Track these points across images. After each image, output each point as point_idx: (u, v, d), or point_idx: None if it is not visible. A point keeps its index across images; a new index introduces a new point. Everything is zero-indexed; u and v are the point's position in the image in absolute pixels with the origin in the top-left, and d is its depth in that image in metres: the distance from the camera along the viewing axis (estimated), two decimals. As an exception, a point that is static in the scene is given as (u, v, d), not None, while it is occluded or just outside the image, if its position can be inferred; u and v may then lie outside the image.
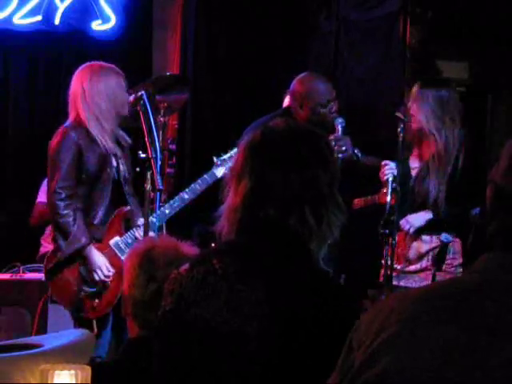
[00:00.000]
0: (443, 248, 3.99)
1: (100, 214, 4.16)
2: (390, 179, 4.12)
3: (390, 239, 3.96)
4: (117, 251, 4.17)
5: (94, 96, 4.11)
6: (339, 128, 4.34)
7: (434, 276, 4.03)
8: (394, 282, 4.16)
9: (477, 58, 6.13)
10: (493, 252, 1.25)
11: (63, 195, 4.06)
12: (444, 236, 4.06)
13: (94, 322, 4.11)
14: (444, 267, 4.06)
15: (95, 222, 4.16)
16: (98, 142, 4.10)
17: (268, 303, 1.74)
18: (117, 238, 4.19)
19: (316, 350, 1.72)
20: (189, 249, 2.46)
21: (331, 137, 4.23)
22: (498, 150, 1.28)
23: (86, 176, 4.11)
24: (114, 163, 4.21)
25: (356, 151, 4.33)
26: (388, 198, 4.03)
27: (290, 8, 6.20)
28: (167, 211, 4.26)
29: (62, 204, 4.06)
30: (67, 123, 4.15)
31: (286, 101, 4.86)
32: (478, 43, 5.93)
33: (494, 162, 1.27)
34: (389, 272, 3.98)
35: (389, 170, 4.17)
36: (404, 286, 4.14)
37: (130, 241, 4.18)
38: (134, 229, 4.21)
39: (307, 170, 1.86)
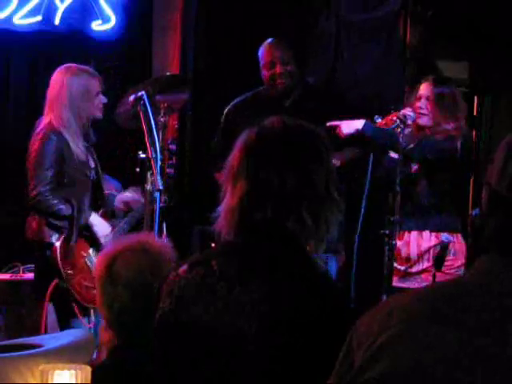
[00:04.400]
0: (443, 248, 3.98)
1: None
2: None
3: (390, 239, 3.96)
4: None
5: (69, 98, 4.11)
6: None
7: (434, 276, 4.02)
8: (400, 284, 4.15)
9: (477, 58, 6.12)
10: (490, 254, 1.25)
11: (49, 194, 4.07)
12: (444, 236, 4.05)
13: (92, 310, 4.13)
14: (443, 269, 4.03)
15: (81, 223, 4.17)
16: (72, 146, 4.11)
17: (267, 303, 1.75)
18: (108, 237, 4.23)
19: (315, 350, 1.72)
20: (156, 244, 2.38)
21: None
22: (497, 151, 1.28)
23: (67, 179, 4.12)
24: (92, 164, 4.24)
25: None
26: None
27: (290, 8, 6.19)
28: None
29: (50, 197, 4.06)
30: (43, 126, 4.14)
31: None
32: (478, 43, 5.93)
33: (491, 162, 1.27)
34: (387, 271, 3.98)
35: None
36: (407, 288, 4.11)
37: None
38: (122, 221, 4.27)
39: (303, 168, 1.86)
